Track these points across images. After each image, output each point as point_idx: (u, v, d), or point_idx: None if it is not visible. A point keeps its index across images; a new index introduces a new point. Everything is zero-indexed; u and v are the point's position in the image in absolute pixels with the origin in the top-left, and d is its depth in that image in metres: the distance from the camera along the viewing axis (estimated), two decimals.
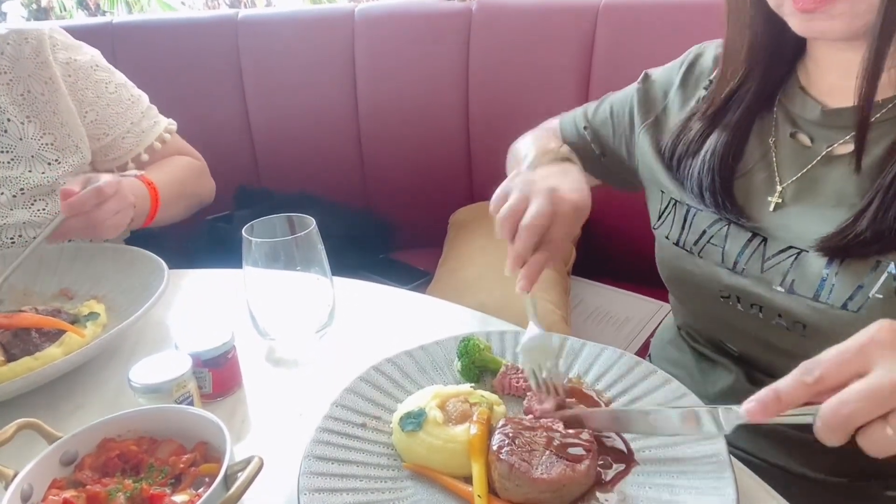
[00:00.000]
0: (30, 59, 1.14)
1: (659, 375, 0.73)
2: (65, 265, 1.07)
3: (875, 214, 0.66)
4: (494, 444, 0.62)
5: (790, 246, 0.73)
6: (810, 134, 0.76)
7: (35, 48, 1.14)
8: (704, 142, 0.82)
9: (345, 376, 0.75)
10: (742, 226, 0.77)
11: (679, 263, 0.84)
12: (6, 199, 1.12)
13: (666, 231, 0.86)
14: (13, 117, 1.12)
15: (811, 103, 0.76)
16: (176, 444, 0.64)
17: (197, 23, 2.00)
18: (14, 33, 1.14)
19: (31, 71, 1.14)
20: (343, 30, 1.77)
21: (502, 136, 1.74)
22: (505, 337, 0.83)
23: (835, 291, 0.69)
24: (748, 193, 0.79)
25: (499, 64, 1.68)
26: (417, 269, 1.70)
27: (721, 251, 0.79)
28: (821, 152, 0.74)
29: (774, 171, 0.78)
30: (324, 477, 0.63)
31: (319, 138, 1.86)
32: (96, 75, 1.20)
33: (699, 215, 0.82)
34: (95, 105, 1.20)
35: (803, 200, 0.75)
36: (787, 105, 0.80)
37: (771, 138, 0.79)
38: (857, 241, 0.67)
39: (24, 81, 1.13)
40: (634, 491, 0.61)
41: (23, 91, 1.13)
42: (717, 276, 0.79)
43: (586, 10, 1.58)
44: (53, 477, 0.61)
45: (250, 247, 0.86)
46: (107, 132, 1.21)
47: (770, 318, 0.75)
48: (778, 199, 0.76)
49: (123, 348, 0.92)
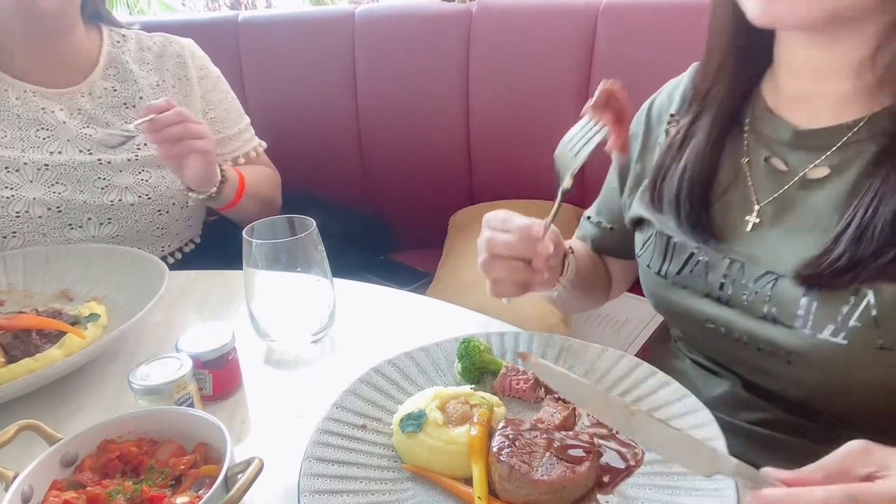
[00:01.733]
0: (171, 58, 1.34)
1: (660, 377, 0.73)
2: (65, 266, 1.07)
3: (849, 244, 0.66)
4: (495, 446, 0.62)
5: (768, 271, 0.73)
6: (784, 158, 0.75)
7: (177, 52, 1.35)
8: (677, 168, 0.82)
9: (345, 378, 0.75)
10: (720, 252, 0.77)
11: (662, 293, 0.84)
12: (120, 160, 1.22)
13: (647, 260, 0.86)
14: (146, 96, 1.28)
15: (781, 125, 0.76)
16: (176, 446, 0.64)
17: (197, 24, 2.00)
18: (161, 37, 1.36)
19: (169, 66, 1.33)
20: (343, 31, 1.77)
21: (503, 137, 1.75)
22: (505, 338, 0.83)
23: (814, 320, 0.68)
24: (725, 216, 0.78)
25: (499, 65, 1.68)
26: (418, 271, 1.70)
27: (704, 280, 0.79)
28: (796, 175, 0.74)
29: (751, 192, 0.77)
30: (324, 478, 0.63)
31: (320, 140, 1.86)
32: (221, 84, 1.41)
33: (680, 244, 0.81)
34: (218, 107, 1.38)
35: (780, 223, 0.74)
36: (757, 127, 0.79)
37: (744, 159, 0.78)
38: (831, 269, 0.66)
39: (161, 73, 1.32)
40: (634, 492, 0.61)
41: (158, 80, 1.32)
42: (701, 307, 0.79)
43: (586, 11, 1.58)
44: (54, 478, 0.61)
45: (251, 248, 0.86)
46: (220, 131, 1.37)
47: (755, 346, 0.75)
48: (756, 219, 0.76)
49: (124, 350, 0.92)
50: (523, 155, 1.71)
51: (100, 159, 1.21)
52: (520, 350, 0.81)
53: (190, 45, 1.38)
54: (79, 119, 1.23)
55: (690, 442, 0.56)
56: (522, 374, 0.76)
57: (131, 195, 1.22)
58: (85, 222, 1.20)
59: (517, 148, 1.72)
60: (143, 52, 1.32)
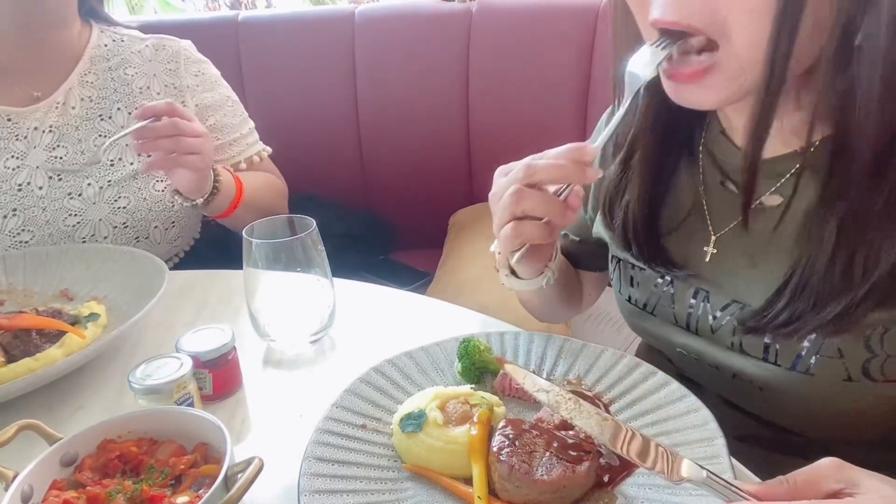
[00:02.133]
0: (161, 62, 1.27)
1: (659, 377, 0.73)
2: (65, 266, 1.07)
3: (789, 299, 0.65)
4: (495, 446, 0.62)
5: (734, 300, 0.72)
6: (737, 182, 0.73)
7: (170, 56, 1.28)
8: (621, 202, 0.79)
9: (345, 377, 0.75)
10: (685, 281, 0.76)
11: (635, 321, 0.84)
12: (92, 192, 1.18)
13: (618, 286, 0.85)
14: (123, 106, 1.23)
15: (733, 150, 0.73)
16: (176, 445, 0.64)
17: (197, 24, 2.00)
18: (154, 39, 1.30)
19: (158, 72, 1.27)
20: (343, 31, 1.77)
21: (502, 136, 1.75)
22: (505, 337, 0.83)
23: (781, 352, 0.68)
24: (686, 244, 0.76)
25: (499, 64, 1.68)
26: (418, 270, 1.70)
27: (671, 310, 0.78)
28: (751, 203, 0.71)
29: (707, 220, 0.75)
30: (324, 478, 0.63)
31: (320, 139, 1.86)
32: (221, 89, 1.35)
33: (643, 274, 0.80)
34: (217, 113, 1.32)
35: (738, 252, 0.72)
36: (711, 150, 0.76)
37: (700, 186, 0.76)
38: (773, 324, 0.66)
39: (148, 78, 1.26)
40: (634, 492, 0.61)
41: (142, 86, 1.25)
42: (671, 335, 0.79)
43: (586, 10, 1.58)
44: (54, 478, 0.61)
45: (251, 248, 0.86)
46: (219, 137, 1.32)
47: (728, 375, 0.74)
48: (713, 250, 0.74)
49: (124, 349, 0.92)
50: (523, 155, 1.71)
51: (70, 193, 1.16)
52: (514, 351, 0.81)
53: (187, 49, 1.31)
54: (49, 137, 1.17)
55: (661, 449, 0.56)
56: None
57: (106, 227, 1.18)
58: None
59: (517, 148, 1.70)
60: (131, 56, 1.26)
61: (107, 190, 1.18)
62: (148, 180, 1.21)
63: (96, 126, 1.21)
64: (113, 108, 1.22)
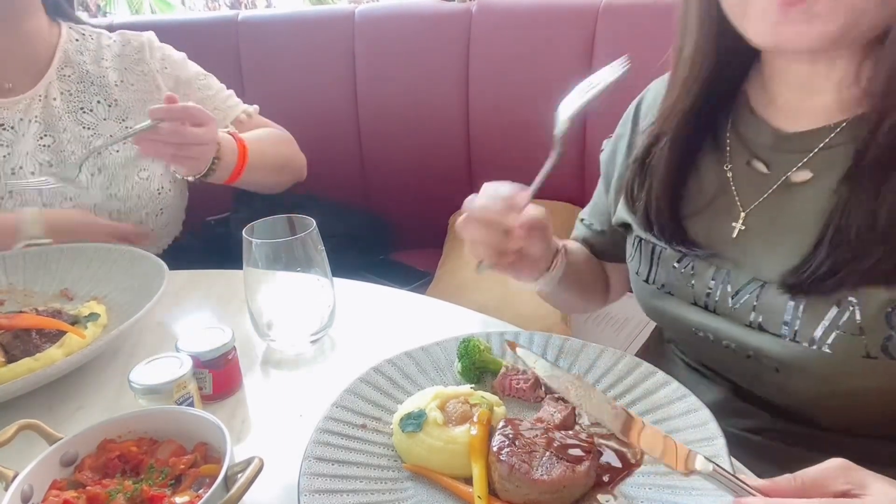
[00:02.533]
0: (130, 56, 1.32)
1: (659, 376, 0.73)
2: (65, 266, 1.07)
3: (828, 250, 0.65)
4: (495, 445, 0.62)
5: (754, 278, 0.73)
6: (766, 160, 0.75)
7: (136, 48, 1.33)
8: (645, 184, 0.81)
9: (345, 377, 0.75)
10: (706, 259, 0.77)
11: (651, 301, 0.84)
12: (85, 179, 1.21)
13: (636, 267, 0.85)
14: (103, 99, 1.28)
15: (764, 127, 0.75)
16: (176, 445, 0.64)
17: (197, 24, 2.00)
18: (119, 35, 1.35)
19: (129, 65, 1.32)
20: (343, 31, 1.77)
21: (503, 136, 1.75)
22: (505, 337, 0.83)
23: (801, 329, 0.69)
24: (710, 223, 0.78)
25: (499, 64, 1.68)
26: (417, 270, 1.70)
27: (690, 290, 0.78)
28: (778, 179, 0.73)
29: (735, 198, 0.76)
30: (324, 478, 0.63)
31: (320, 139, 1.85)
32: (189, 67, 1.39)
33: (665, 252, 0.81)
34: (188, 88, 1.35)
35: (766, 229, 0.73)
36: (739, 129, 0.78)
37: (727, 165, 0.77)
38: (813, 277, 0.66)
39: (120, 72, 1.31)
40: (634, 492, 0.61)
41: (117, 80, 1.30)
42: (688, 314, 0.79)
43: (586, 11, 1.58)
44: (54, 478, 0.61)
45: (251, 248, 0.86)
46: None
47: (744, 353, 0.75)
48: (742, 226, 0.75)
49: (124, 349, 0.92)
50: (523, 155, 1.71)
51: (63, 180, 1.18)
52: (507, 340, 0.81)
53: (150, 39, 1.36)
54: (35, 127, 1.21)
55: (671, 442, 0.57)
56: (522, 373, 0.76)
57: (101, 214, 1.21)
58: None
59: (517, 148, 1.72)
60: (101, 51, 1.31)
61: (97, 177, 1.21)
62: (134, 168, 1.24)
63: (79, 118, 1.25)
64: (93, 101, 1.27)
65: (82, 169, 1.19)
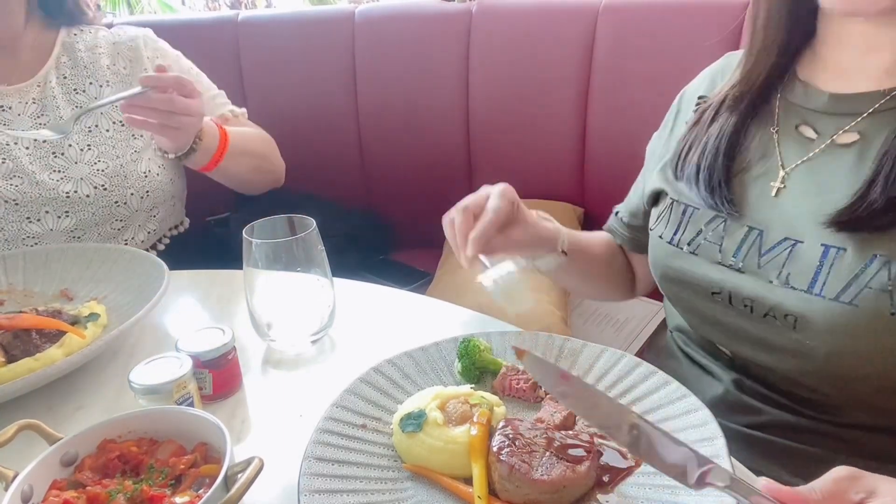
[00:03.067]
0: (124, 42, 1.35)
1: (659, 377, 0.73)
2: (65, 266, 1.07)
3: (886, 182, 0.66)
4: (495, 446, 0.62)
5: (786, 237, 0.73)
6: (814, 125, 0.76)
7: (131, 37, 1.35)
8: (702, 140, 0.83)
9: (345, 377, 0.75)
10: (740, 220, 0.78)
11: (671, 262, 0.84)
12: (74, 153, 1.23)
13: (661, 230, 0.86)
14: (94, 80, 1.30)
15: (815, 92, 0.77)
16: (176, 445, 0.64)
17: (197, 24, 2.00)
18: (117, 28, 1.37)
19: (122, 51, 1.34)
20: (343, 31, 1.77)
21: (503, 136, 1.75)
22: (505, 338, 0.83)
23: (829, 283, 0.69)
24: (749, 185, 0.79)
25: (499, 64, 1.68)
26: (417, 270, 1.70)
27: (718, 248, 0.79)
28: (824, 142, 0.74)
29: (778, 158, 0.78)
30: (324, 478, 0.63)
31: (320, 139, 1.86)
32: (182, 62, 1.41)
33: (697, 213, 0.82)
34: None
35: (805, 187, 0.75)
36: (788, 98, 0.80)
37: (773, 128, 0.80)
38: (869, 210, 0.67)
39: (112, 57, 1.33)
40: (634, 492, 0.61)
41: (109, 63, 1.32)
42: (709, 273, 0.79)
43: (586, 10, 1.58)
44: (54, 478, 0.61)
45: (251, 248, 0.86)
46: None
47: (760, 313, 0.75)
48: (780, 185, 0.77)
49: (124, 349, 0.92)
50: (523, 155, 1.71)
51: (54, 152, 1.22)
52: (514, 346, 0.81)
53: (146, 33, 1.38)
54: (33, 108, 1.25)
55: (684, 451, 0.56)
56: (522, 373, 0.76)
57: (87, 186, 1.22)
58: (43, 215, 1.20)
59: (517, 148, 1.72)
60: (97, 40, 1.33)
61: (87, 152, 1.24)
62: (125, 148, 1.27)
63: (72, 98, 1.28)
64: (85, 83, 1.29)
65: (73, 139, 1.23)
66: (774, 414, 0.79)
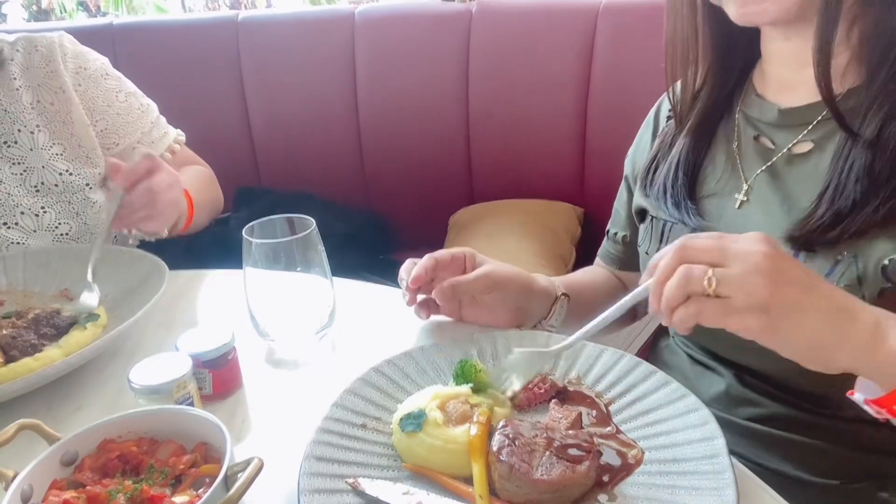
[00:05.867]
0: (40, 67, 1.14)
1: (659, 376, 0.73)
2: (65, 266, 1.07)
3: (832, 198, 0.69)
4: (494, 445, 0.62)
5: None
6: (771, 137, 0.79)
7: (45, 56, 1.14)
8: (670, 152, 0.87)
9: (345, 377, 0.75)
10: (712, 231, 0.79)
11: None
12: (29, 221, 1.11)
13: (646, 247, 0.89)
14: (23, 127, 1.12)
15: (767, 106, 0.80)
16: (176, 445, 0.64)
17: (197, 24, 2.00)
18: (23, 40, 1.14)
19: (41, 80, 1.14)
20: (343, 31, 1.78)
21: (502, 136, 1.75)
22: (507, 337, 0.82)
23: None
24: (719, 198, 0.82)
25: (499, 64, 1.68)
26: None
27: None
28: (782, 151, 0.77)
29: (740, 172, 0.81)
30: (324, 478, 0.63)
31: (319, 139, 1.86)
32: (106, 83, 1.21)
33: (675, 228, 0.84)
34: (106, 114, 1.19)
35: (767, 197, 0.77)
36: (746, 112, 0.83)
37: (734, 143, 0.83)
38: (818, 227, 0.69)
39: (34, 90, 1.13)
40: (634, 492, 0.61)
41: (32, 100, 1.13)
42: None
43: (586, 10, 1.59)
44: (53, 478, 0.61)
45: (251, 248, 0.86)
46: (117, 142, 1.21)
47: None
48: (744, 197, 0.79)
49: (123, 349, 0.92)
50: (523, 155, 1.71)
51: (6, 223, 1.09)
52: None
53: (61, 44, 1.16)
54: None
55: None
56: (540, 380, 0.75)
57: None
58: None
59: (517, 148, 1.72)
60: (10, 67, 1.12)
61: (43, 217, 1.11)
62: (79, 204, 1.14)
63: (5, 154, 1.10)
64: (14, 131, 1.11)
65: (26, 213, 1.10)
66: (776, 407, 0.79)
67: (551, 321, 0.92)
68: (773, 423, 0.79)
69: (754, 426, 0.80)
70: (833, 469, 0.77)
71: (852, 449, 0.76)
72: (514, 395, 0.72)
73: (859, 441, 0.76)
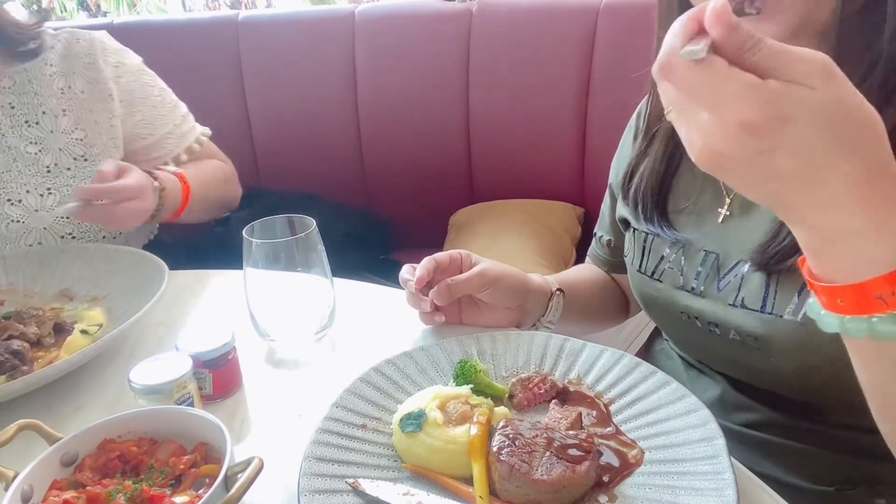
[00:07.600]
0: (79, 58, 1.20)
1: (659, 377, 0.73)
2: (65, 266, 1.07)
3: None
4: (495, 446, 0.62)
5: (740, 260, 0.75)
6: None
7: (86, 49, 1.21)
8: (638, 175, 0.86)
9: (345, 377, 0.75)
10: (695, 246, 0.79)
11: (643, 288, 0.86)
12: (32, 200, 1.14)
13: (631, 257, 0.89)
14: (49, 109, 1.17)
15: None
16: (176, 445, 0.64)
17: (197, 24, 2.00)
18: (67, 33, 1.22)
19: (77, 69, 1.20)
20: (343, 31, 1.77)
21: (503, 136, 1.75)
22: (507, 336, 0.82)
23: (777, 301, 0.71)
24: (700, 212, 0.81)
25: (499, 64, 1.68)
26: None
27: (680, 273, 0.81)
28: None
29: (721, 187, 0.80)
30: (324, 478, 0.63)
31: (320, 139, 1.86)
32: (143, 78, 1.28)
33: (657, 241, 0.84)
34: (143, 105, 1.26)
35: (749, 212, 0.76)
36: None
37: None
38: (777, 252, 0.69)
39: (67, 77, 1.19)
40: (634, 492, 0.61)
41: (63, 86, 1.19)
42: (675, 298, 0.81)
43: (586, 10, 1.58)
44: (54, 478, 0.61)
45: (251, 248, 0.86)
46: (151, 132, 1.27)
47: (726, 334, 0.76)
48: (727, 212, 0.78)
49: (124, 349, 0.92)
50: (523, 155, 1.71)
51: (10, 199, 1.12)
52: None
53: (102, 40, 1.24)
54: None
55: None
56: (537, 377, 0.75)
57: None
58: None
59: (517, 148, 1.72)
60: (45, 54, 1.18)
61: (47, 198, 1.15)
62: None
63: (24, 133, 1.15)
64: (38, 113, 1.16)
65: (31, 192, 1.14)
66: (770, 413, 0.79)
67: (549, 318, 0.92)
68: (768, 429, 0.79)
69: (749, 432, 0.80)
70: (828, 475, 0.77)
71: (847, 455, 0.76)
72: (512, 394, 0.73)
73: (854, 447, 0.76)
